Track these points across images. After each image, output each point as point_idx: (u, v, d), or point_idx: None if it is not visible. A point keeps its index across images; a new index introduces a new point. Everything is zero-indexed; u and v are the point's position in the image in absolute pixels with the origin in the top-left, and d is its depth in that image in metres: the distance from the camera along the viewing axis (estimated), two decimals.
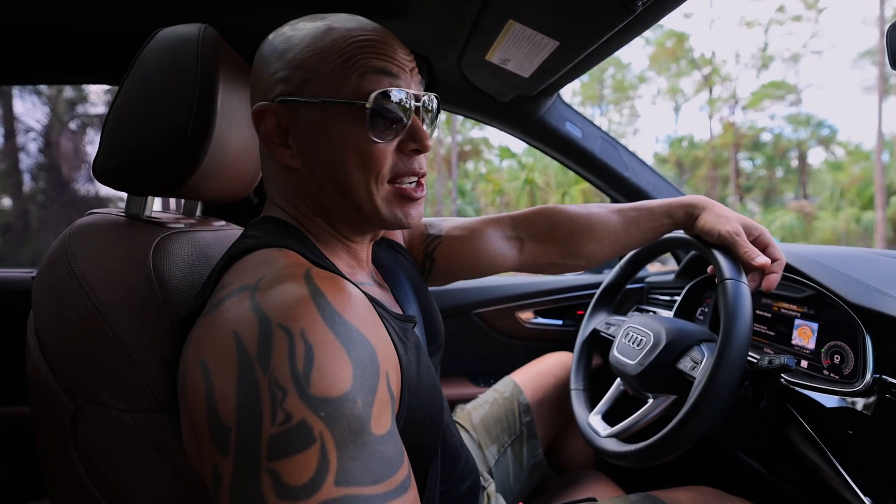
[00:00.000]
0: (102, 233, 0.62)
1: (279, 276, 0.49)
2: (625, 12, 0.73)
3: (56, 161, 11.63)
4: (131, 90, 0.65)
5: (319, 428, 0.41)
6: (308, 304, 0.45)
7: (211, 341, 0.46)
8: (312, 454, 0.40)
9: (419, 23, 0.96)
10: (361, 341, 0.47)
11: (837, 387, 0.75)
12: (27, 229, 11.30)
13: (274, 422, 0.40)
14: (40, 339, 0.57)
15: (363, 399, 0.44)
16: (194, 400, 0.45)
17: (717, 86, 23.27)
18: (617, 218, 0.91)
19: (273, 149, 0.59)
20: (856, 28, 27.98)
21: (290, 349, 0.43)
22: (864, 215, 16.04)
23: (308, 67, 0.56)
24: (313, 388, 0.42)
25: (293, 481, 0.39)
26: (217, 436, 0.42)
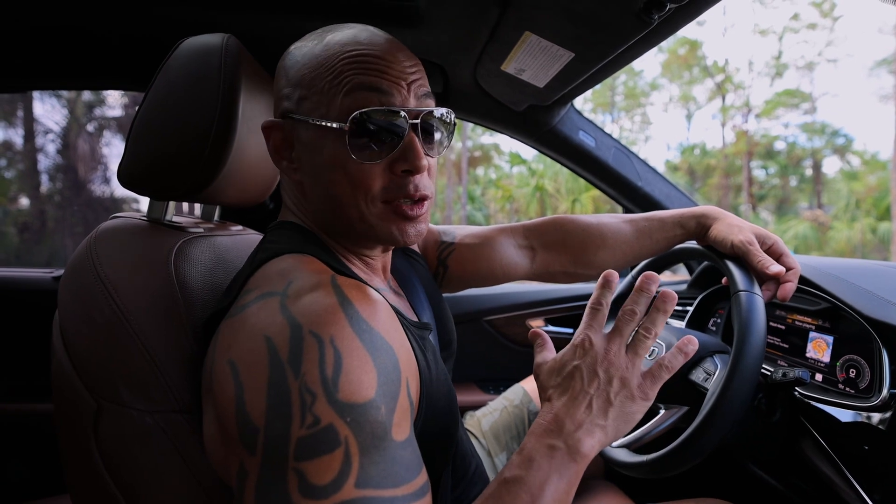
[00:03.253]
0: (126, 237, 0.63)
1: (307, 284, 0.50)
2: (641, 25, 0.74)
3: (73, 163, 11.82)
4: (157, 98, 0.66)
5: (345, 432, 0.43)
6: (337, 311, 0.47)
7: (241, 343, 0.48)
8: (337, 456, 0.42)
9: (435, 33, 0.98)
10: (386, 349, 0.48)
11: (853, 401, 0.75)
12: (44, 229, 11.48)
13: (303, 424, 0.42)
14: (65, 339, 0.58)
15: (386, 406, 0.46)
16: (223, 399, 0.47)
17: (730, 94, 23.12)
18: (629, 228, 0.91)
19: (279, 162, 0.61)
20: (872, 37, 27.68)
21: (320, 355, 0.44)
22: (880, 226, 15.79)
23: (304, 85, 0.57)
24: (341, 394, 0.43)
25: (317, 481, 0.41)
26: (245, 434, 0.44)
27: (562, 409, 0.53)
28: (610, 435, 0.54)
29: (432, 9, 0.90)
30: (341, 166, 0.56)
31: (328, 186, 0.57)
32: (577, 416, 0.53)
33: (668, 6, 0.69)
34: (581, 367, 0.55)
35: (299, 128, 0.58)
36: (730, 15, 24.12)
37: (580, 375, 0.55)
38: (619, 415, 0.54)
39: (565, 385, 0.55)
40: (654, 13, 0.70)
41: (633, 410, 0.54)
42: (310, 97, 0.57)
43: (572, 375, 0.55)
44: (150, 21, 0.98)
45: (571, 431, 0.52)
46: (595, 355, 0.55)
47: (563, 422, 0.52)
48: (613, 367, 0.55)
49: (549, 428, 0.53)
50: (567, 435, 0.52)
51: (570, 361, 0.56)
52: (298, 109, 0.58)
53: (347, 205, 0.57)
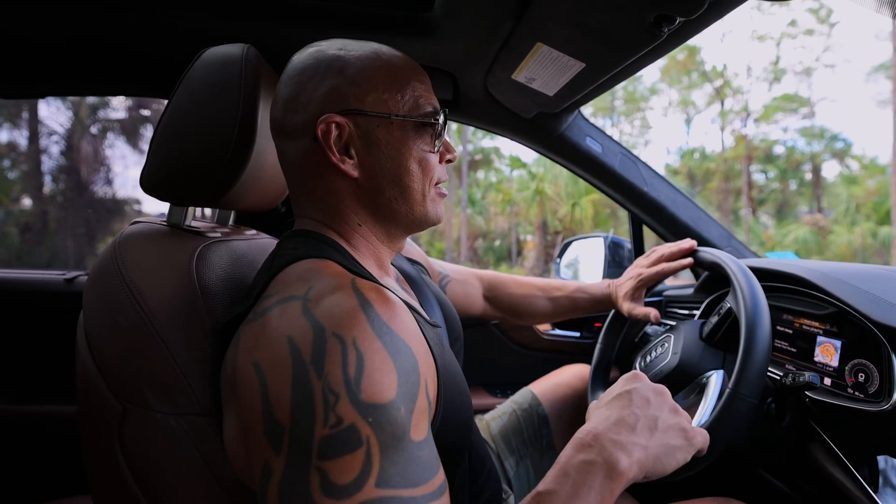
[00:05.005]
0: (149, 242, 0.64)
1: (328, 287, 0.51)
2: (650, 38, 0.75)
3: (76, 164, 11.83)
4: (179, 106, 0.68)
5: (367, 432, 0.44)
6: (359, 314, 0.48)
7: (264, 346, 0.49)
8: (358, 456, 0.43)
9: (448, 43, 0.99)
10: (405, 350, 0.49)
11: (862, 405, 0.75)
12: (45, 230, 11.48)
13: (326, 424, 0.43)
14: (90, 343, 0.59)
15: (406, 407, 0.47)
16: (249, 400, 0.48)
17: (729, 98, 23.18)
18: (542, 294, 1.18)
19: (337, 159, 0.61)
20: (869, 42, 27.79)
21: (342, 356, 0.45)
22: (880, 230, 15.80)
23: (372, 86, 0.61)
24: (363, 394, 0.45)
25: (339, 480, 0.42)
26: (271, 434, 0.45)
27: (603, 426, 0.54)
28: (650, 459, 0.53)
29: (447, 20, 0.91)
30: (417, 157, 0.64)
31: (402, 176, 0.63)
32: (618, 434, 0.53)
33: (678, 20, 0.70)
34: (632, 391, 0.58)
35: (368, 124, 0.61)
36: (728, 21, 24.21)
37: (629, 397, 0.57)
38: (662, 443, 0.54)
39: (612, 405, 0.57)
40: (663, 27, 0.72)
41: (676, 445, 0.55)
42: (385, 99, 0.62)
43: (621, 397, 0.58)
44: (174, 32, 1.00)
45: (610, 448, 0.52)
46: (649, 385, 0.59)
47: (602, 438, 0.53)
48: (665, 397, 0.58)
49: (586, 443, 0.53)
50: (605, 451, 0.52)
51: (620, 388, 0.59)
52: (365, 106, 0.61)
53: (416, 191, 0.65)
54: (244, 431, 0.50)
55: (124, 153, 12.70)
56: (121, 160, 12.72)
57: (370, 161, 0.62)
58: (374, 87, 0.61)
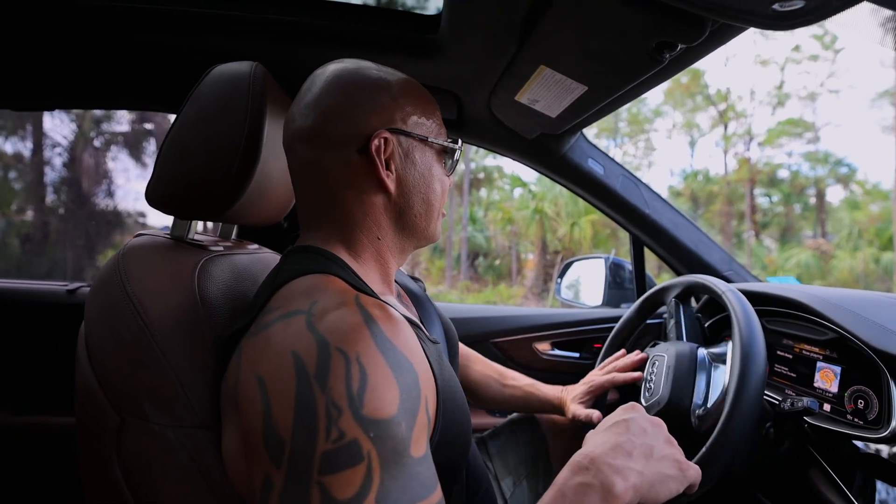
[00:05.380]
0: (152, 254, 0.65)
1: (332, 302, 0.52)
2: (652, 63, 0.76)
3: (77, 176, 11.93)
4: (186, 122, 0.69)
5: (368, 447, 0.44)
6: (363, 329, 0.49)
7: (268, 359, 0.49)
8: (360, 471, 0.43)
9: (453, 64, 1.01)
10: (407, 367, 0.50)
11: (861, 432, 0.75)
12: (46, 241, 11.53)
13: (328, 438, 0.44)
14: (90, 354, 0.60)
15: (406, 423, 0.47)
16: (250, 413, 0.48)
17: (732, 122, 23.33)
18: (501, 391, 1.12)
19: (383, 173, 0.63)
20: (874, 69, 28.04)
21: (346, 371, 0.46)
22: (883, 256, 15.73)
23: (412, 109, 0.66)
24: (366, 410, 0.45)
25: (339, 495, 0.42)
26: (272, 447, 0.45)
27: (599, 450, 0.56)
28: (645, 485, 0.54)
29: (452, 42, 0.93)
30: (439, 178, 0.70)
31: (427, 194, 0.68)
32: (615, 458, 0.54)
33: (679, 47, 0.72)
34: (629, 420, 0.60)
35: (407, 144, 0.65)
36: (731, 45, 24.52)
37: (626, 425, 0.59)
38: (657, 472, 0.56)
39: (609, 431, 0.59)
40: (665, 53, 0.73)
41: (670, 475, 0.56)
42: (422, 120, 0.67)
43: (619, 424, 0.60)
44: (183, 51, 1.02)
45: (606, 472, 0.53)
46: (645, 416, 0.61)
47: (599, 462, 0.54)
48: (661, 429, 0.61)
49: (584, 465, 0.54)
50: (601, 475, 0.53)
51: (617, 416, 0.62)
52: (411, 129, 0.65)
53: (436, 210, 0.70)
54: (245, 444, 0.50)
55: (127, 166, 12.76)
56: (123, 173, 12.81)
57: (406, 178, 0.66)
58: (415, 110, 0.66)
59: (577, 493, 0.51)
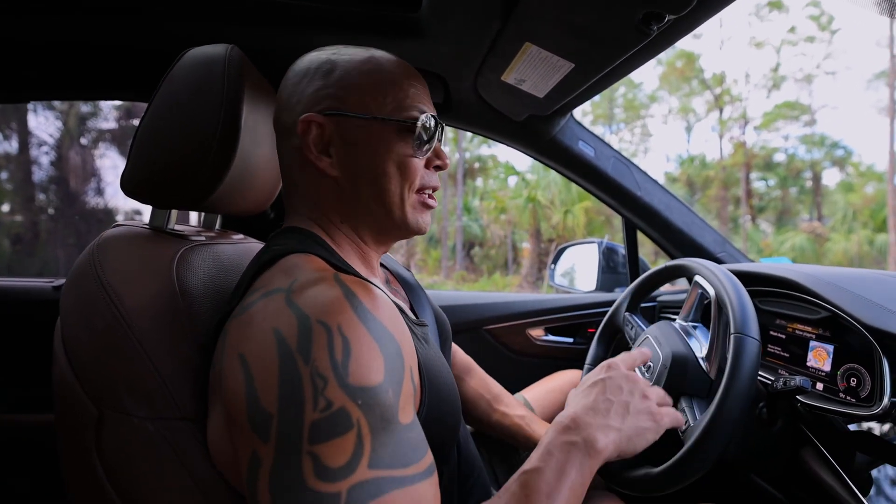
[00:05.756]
0: (129, 244, 0.64)
1: (311, 279, 0.52)
2: (640, 36, 0.75)
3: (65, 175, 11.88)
4: (160, 107, 0.67)
5: (357, 415, 0.44)
6: (343, 302, 0.49)
7: (249, 338, 0.49)
8: (350, 439, 0.44)
9: (437, 44, 0.99)
10: (389, 337, 0.51)
11: (854, 410, 0.75)
12: (36, 241, 11.50)
13: (316, 408, 0.44)
14: (67, 346, 0.59)
15: (393, 390, 0.48)
16: (234, 392, 0.48)
17: (728, 106, 23.26)
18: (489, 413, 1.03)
19: (314, 157, 0.62)
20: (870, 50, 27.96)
21: (329, 342, 0.46)
22: (877, 237, 15.82)
23: (357, 87, 0.62)
24: (352, 378, 0.45)
25: (332, 463, 0.43)
26: (258, 423, 0.45)
27: (581, 411, 0.60)
28: (623, 440, 0.59)
29: (434, 21, 0.91)
30: (395, 159, 0.63)
31: (376, 177, 0.63)
32: (595, 417, 0.59)
33: (667, 18, 0.70)
34: (606, 379, 0.64)
35: (348, 125, 0.62)
36: (726, 28, 24.36)
37: (603, 385, 0.63)
38: (634, 426, 0.61)
39: (588, 392, 0.63)
40: (652, 25, 0.71)
41: (646, 427, 0.61)
42: (366, 98, 0.62)
43: (596, 385, 0.63)
44: (157, 35, 0.99)
45: (588, 430, 0.58)
46: (621, 373, 0.65)
47: (581, 421, 0.59)
48: (636, 384, 0.64)
49: (567, 426, 0.59)
50: (584, 433, 0.57)
51: (595, 376, 0.65)
52: (348, 107, 0.62)
53: (393, 194, 0.64)
54: (230, 426, 0.50)
55: (116, 163, 12.65)
56: (112, 170, 12.72)
57: (349, 161, 0.63)
58: (358, 89, 0.62)
59: (563, 451, 0.56)
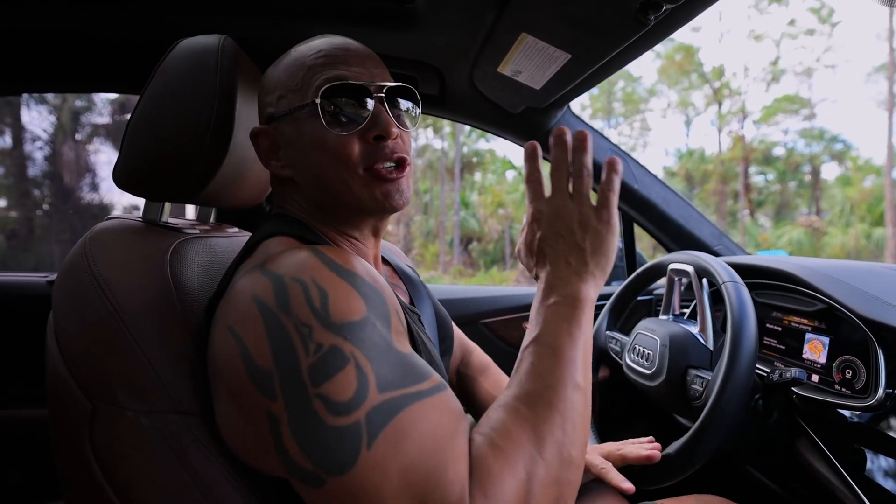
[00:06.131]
0: (121, 237, 0.63)
1: (283, 250, 0.55)
2: (637, 26, 0.74)
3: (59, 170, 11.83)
4: (152, 99, 0.66)
5: (349, 348, 0.46)
6: (314, 259, 0.51)
7: (234, 310, 0.51)
8: (350, 371, 0.45)
9: (432, 35, 0.98)
10: (368, 284, 0.52)
11: (849, 401, 0.75)
12: (31, 236, 11.47)
13: (309, 354, 0.45)
14: (59, 340, 0.58)
15: (380, 323, 0.49)
16: (231, 364, 0.49)
17: (727, 99, 23.19)
18: None
19: (268, 164, 0.65)
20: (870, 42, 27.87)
21: (305, 293, 0.48)
22: (874, 231, 15.84)
23: (281, 87, 0.63)
24: (334, 318, 0.47)
25: (341, 398, 0.44)
26: (261, 385, 0.47)
27: (548, 275, 0.58)
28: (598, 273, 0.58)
29: (429, 11, 0.90)
30: (321, 144, 0.60)
31: (314, 167, 0.62)
32: (561, 274, 0.57)
33: (665, 7, 0.69)
34: (543, 237, 0.59)
35: (282, 125, 0.63)
36: (726, 21, 24.26)
37: (545, 243, 0.59)
38: (595, 253, 0.57)
39: (540, 258, 0.60)
40: (650, 14, 0.71)
41: (605, 241, 0.58)
42: (286, 95, 0.62)
43: (541, 248, 0.59)
44: (148, 25, 0.98)
45: (562, 286, 0.56)
46: (548, 221, 0.59)
47: (553, 283, 0.57)
48: (566, 220, 0.58)
49: (544, 293, 0.58)
50: (560, 290, 0.56)
51: (533, 239, 0.60)
52: (278, 109, 0.62)
53: (333, 179, 0.61)
54: (236, 402, 0.50)
55: (111, 158, 12.58)
56: (107, 165, 12.65)
57: (292, 161, 0.63)
58: (281, 86, 0.62)
59: (550, 313, 0.55)
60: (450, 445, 0.45)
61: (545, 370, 0.51)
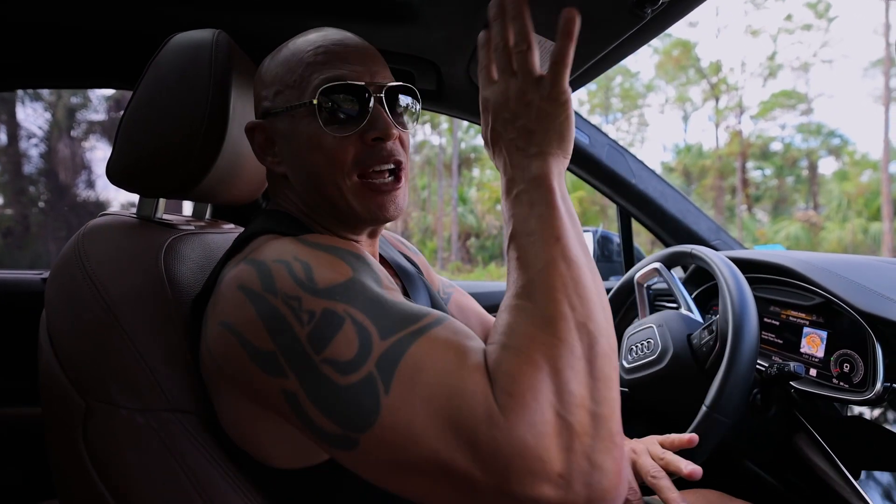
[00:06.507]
0: (115, 234, 0.63)
1: (267, 241, 0.56)
2: (634, 20, 0.74)
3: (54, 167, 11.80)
4: (146, 94, 0.66)
5: (342, 308, 0.46)
6: (294, 242, 0.53)
7: (223, 304, 0.51)
8: (349, 329, 0.45)
9: (429, 30, 0.97)
10: (352, 254, 0.52)
11: (847, 395, 0.75)
12: (27, 233, 11.45)
13: (303, 324, 0.45)
14: (52, 338, 0.58)
15: (368, 279, 0.49)
16: (232, 356, 0.49)
17: (724, 95, 23.19)
18: None
19: (263, 160, 0.65)
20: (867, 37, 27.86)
21: (288, 270, 0.49)
22: (871, 226, 15.90)
23: (277, 82, 0.61)
24: (319, 284, 0.47)
25: (346, 357, 0.44)
26: (267, 365, 0.47)
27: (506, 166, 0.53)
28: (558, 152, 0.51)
29: (426, 6, 0.89)
30: (317, 144, 0.59)
31: (308, 167, 0.61)
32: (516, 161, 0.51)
33: (661, 1, 0.69)
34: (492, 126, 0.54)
35: (278, 122, 0.62)
36: (723, 16, 24.26)
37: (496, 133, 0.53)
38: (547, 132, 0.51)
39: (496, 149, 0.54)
40: (646, 8, 0.70)
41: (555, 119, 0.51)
42: (284, 91, 0.61)
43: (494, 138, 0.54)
44: (142, 19, 0.97)
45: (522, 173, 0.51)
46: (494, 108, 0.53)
47: (511, 174, 0.52)
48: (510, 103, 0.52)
49: (507, 186, 0.52)
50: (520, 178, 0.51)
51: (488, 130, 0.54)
52: (275, 105, 0.61)
53: (327, 182, 0.60)
54: (249, 389, 0.50)
55: (106, 155, 12.58)
56: (103, 162, 12.62)
57: (287, 157, 0.63)
58: (278, 81, 0.61)
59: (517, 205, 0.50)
60: (462, 364, 0.43)
61: (531, 258, 0.47)
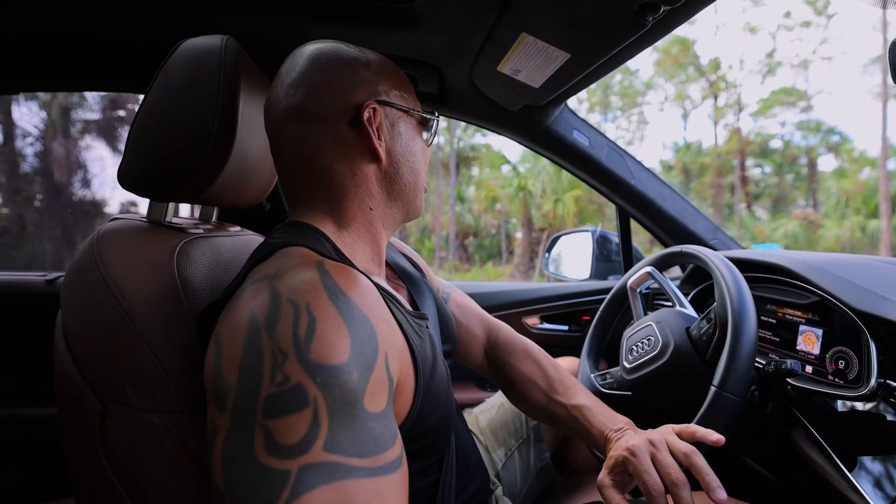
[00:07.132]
0: (128, 238, 0.63)
1: (295, 264, 0.53)
2: (635, 27, 0.75)
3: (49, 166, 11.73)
4: (156, 100, 0.67)
5: (314, 392, 0.43)
6: (316, 282, 0.49)
7: (228, 321, 0.50)
8: (305, 417, 0.42)
9: (432, 34, 0.98)
10: (362, 320, 0.49)
11: (842, 391, 0.77)
12: (23, 232, 11.39)
13: (273, 382, 0.43)
14: (68, 340, 0.59)
15: (359, 373, 0.46)
16: (207, 368, 0.49)
17: (723, 92, 23.15)
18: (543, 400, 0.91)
19: (376, 142, 0.64)
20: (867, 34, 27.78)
21: (294, 319, 0.46)
22: (869, 224, 15.91)
23: (392, 82, 0.67)
24: (312, 355, 0.44)
25: (284, 440, 0.41)
26: (218, 393, 0.46)
27: None
28: None
29: (429, 11, 0.90)
30: (421, 149, 0.71)
31: (413, 164, 0.69)
32: None
33: (662, 8, 0.70)
34: None
35: (393, 114, 0.67)
36: (721, 13, 24.22)
37: None
38: None
39: None
40: (648, 15, 0.72)
41: None
42: (400, 91, 0.68)
43: None
44: (150, 25, 0.98)
45: None
46: None
47: None
48: None
49: None
50: None
51: None
52: (392, 98, 0.66)
53: (421, 179, 0.72)
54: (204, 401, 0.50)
55: (102, 154, 12.46)
56: (98, 161, 12.49)
57: (394, 148, 0.67)
58: (394, 83, 0.67)
59: None
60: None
61: None
